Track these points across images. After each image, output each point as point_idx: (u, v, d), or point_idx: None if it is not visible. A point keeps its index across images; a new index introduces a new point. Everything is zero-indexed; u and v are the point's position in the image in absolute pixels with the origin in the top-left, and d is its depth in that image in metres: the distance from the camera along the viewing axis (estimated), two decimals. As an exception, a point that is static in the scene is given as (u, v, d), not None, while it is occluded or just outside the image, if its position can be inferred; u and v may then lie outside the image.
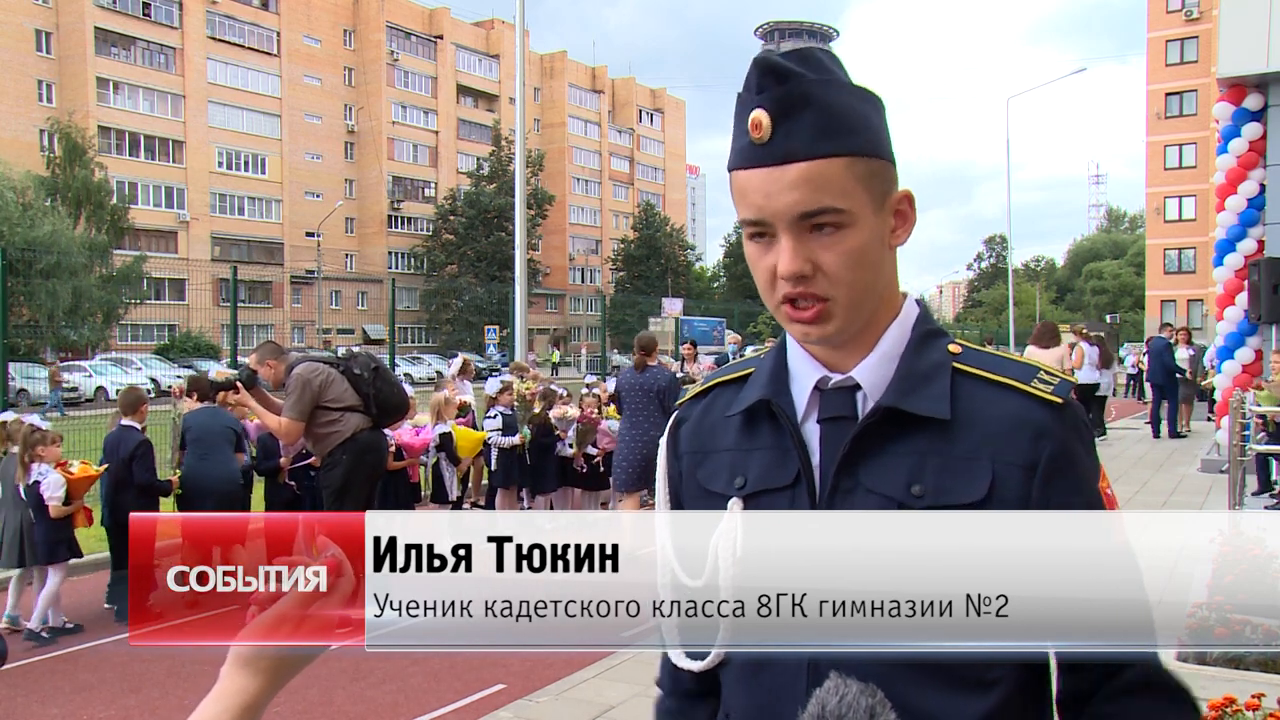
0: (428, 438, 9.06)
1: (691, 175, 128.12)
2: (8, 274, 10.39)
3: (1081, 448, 1.11)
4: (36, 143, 47.67)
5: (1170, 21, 47.53)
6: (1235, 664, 3.53)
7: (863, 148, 1.10)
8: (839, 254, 1.09)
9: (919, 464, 1.09)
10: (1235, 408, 7.71)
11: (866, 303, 1.12)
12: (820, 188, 1.07)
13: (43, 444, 6.60)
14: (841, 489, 1.11)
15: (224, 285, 30.45)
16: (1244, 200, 12.79)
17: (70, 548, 6.68)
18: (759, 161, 1.09)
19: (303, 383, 6.18)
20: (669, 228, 78.65)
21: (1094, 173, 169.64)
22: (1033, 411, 1.10)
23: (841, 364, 1.16)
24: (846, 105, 1.10)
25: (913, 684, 1.06)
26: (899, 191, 1.15)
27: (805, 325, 1.11)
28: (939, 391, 1.11)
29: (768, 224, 1.10)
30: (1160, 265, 49.27)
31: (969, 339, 1.42)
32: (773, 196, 1.08)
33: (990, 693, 1.08)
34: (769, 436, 1.18)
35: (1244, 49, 12.39)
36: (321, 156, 64.65)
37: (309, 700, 5.14)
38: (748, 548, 1.15)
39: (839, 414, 1.14)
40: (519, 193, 14.91)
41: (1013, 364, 1.15)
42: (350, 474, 6.27)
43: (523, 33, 14.61)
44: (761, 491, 1.17)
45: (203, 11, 57.62)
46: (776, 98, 1.08)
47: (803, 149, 1.07)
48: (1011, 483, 1.07)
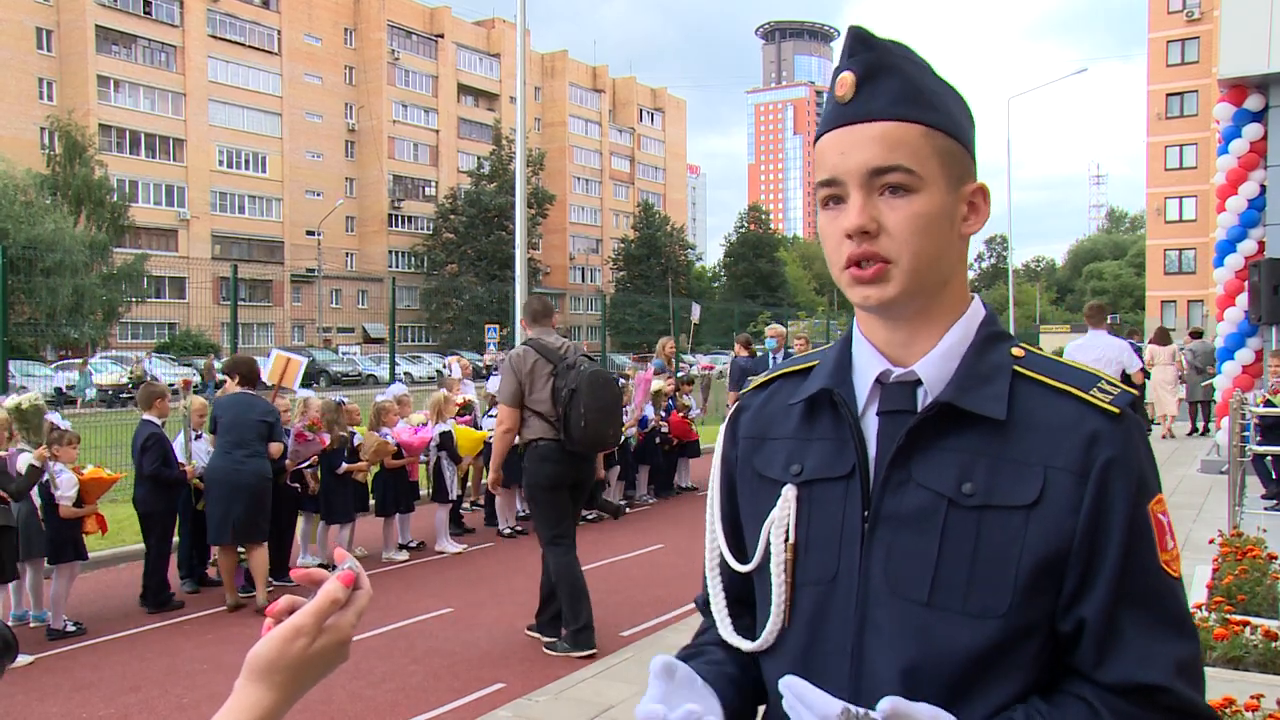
0: (428, 436, 9.06)
1: (692, 175, 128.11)
2: (8, 272, 10.39)
3: (1137, 460, 1.09)
4: (37, 141, 47.68)
5: (1171, 22, 47.49)
6: (1235, 664, 3.53)
7: (942, 123, 1.13)
8: (905, 215, 1.10)
9: (971, 462, 1.09)
10: (1235, 408, 7.70)
11: (929, 276, 1.12)
12: (894, 147, 1.10)
13: (60, 444, 6.63)
14: (893, 482, 1.11)
15: (224, 284, 30.42)
16: (1244, 201, 12.80)
17: (76, 549, 6.68)
18: (841, 120, 1.13)
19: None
20: (669, 227, 78.62)
21: (1094, 173, 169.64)
22: (1090, 420, 1.09)
23: (904, 358, 1.16)
24: (931, 88, 1.14)
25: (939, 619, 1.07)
26: (975, 183, 1.18)
27: (865, 286, 1.12)
28: (997, 392, 1.11)
29: (840, 182, 1.12)
30: (1161, 266, 49.23)
31: None
32: (847, 153, 1.11)
33: (1025, 673, 1.08)
34: (829, 427, 1.19)
35: (1245, 50, 12.39)
36: (322, 155, 64.64)
37: (308, 699, 5.13)
38: (800, 534, 1.17)
39: (898, 408, 1.14)
40: (519, 192, 14.90)
41: (1074, 371, 1.14)
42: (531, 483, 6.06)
43: (524, 32, 14.60)
44: (816, 480, 1.17)
45: (203, 10, 57.60)
46: (864, 61, 1.13)
47: (884, 109, 1.11)
48: (1062, 488, 1.07)
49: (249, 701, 0.94)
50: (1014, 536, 1.06)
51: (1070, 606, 1.08)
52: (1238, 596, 4.49)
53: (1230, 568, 4.78)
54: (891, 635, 1.09)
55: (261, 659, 0.95)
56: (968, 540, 1.07)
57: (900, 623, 1.09)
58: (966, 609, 1.07)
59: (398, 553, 8.79)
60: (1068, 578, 1.07)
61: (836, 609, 1.13)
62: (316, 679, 0.98)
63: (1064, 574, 1.07)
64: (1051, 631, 1.09)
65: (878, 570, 1.11)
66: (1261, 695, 2.93)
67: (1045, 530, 1.06)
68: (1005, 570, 1.06)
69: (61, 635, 6.44)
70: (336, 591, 0.97)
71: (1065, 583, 1.07)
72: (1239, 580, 4.62)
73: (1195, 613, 3.74)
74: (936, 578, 1.08)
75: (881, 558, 1.11)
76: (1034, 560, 1.06)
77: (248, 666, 0.95)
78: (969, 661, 1.06)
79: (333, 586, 0.97)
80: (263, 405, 7.34)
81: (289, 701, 0.96)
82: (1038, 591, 1.07)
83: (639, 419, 11.34)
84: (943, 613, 1.07)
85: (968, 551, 1.07)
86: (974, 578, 1.07)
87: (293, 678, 0.95)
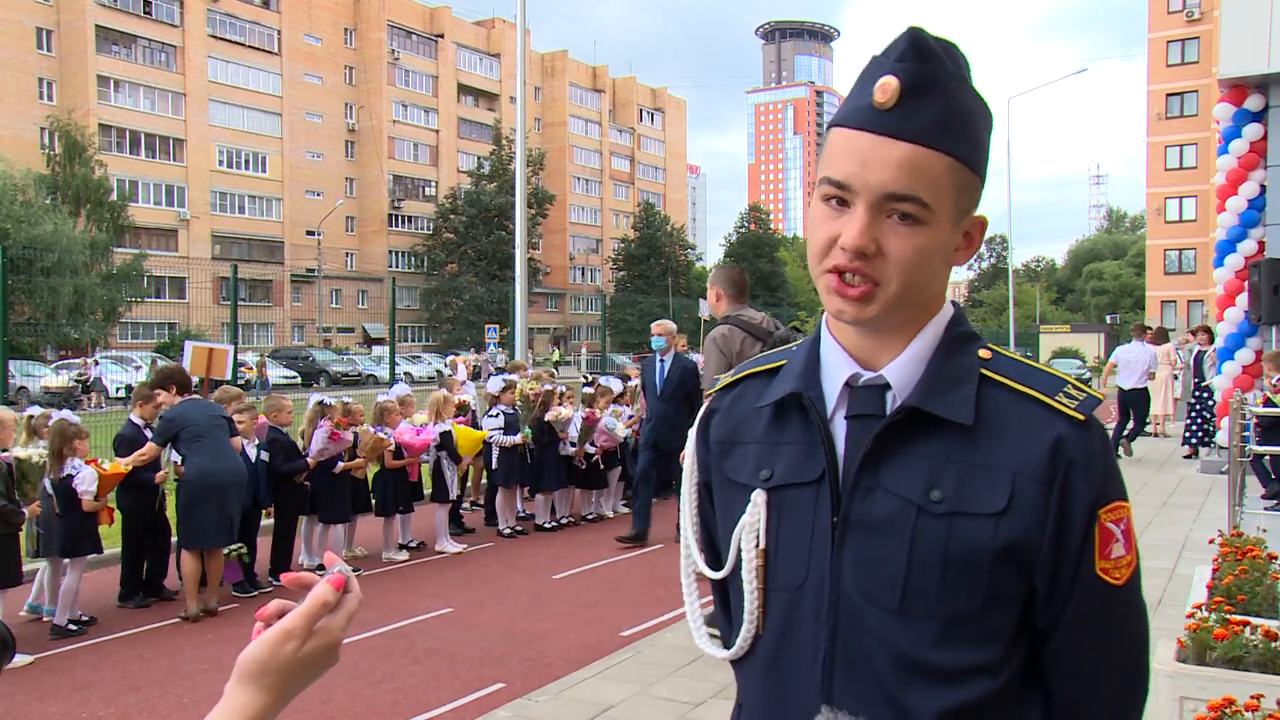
0: (428, 437, 9.06)
1: (692, 175, 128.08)
2: (8, 272, 10.39)
3: (1100, 468, 1.09)
4: (37, 141, 47.69)
5: (1171, 22, 47.51)
6: (1235, 664, 3.52)
7: (969, 157, 1.10)
8: (909, 246, 1.08)
9: (940, 468, 1.09)
10: (1235, 408, 7.70)
11: (910, 304, 1.11)
12: (918, 176, 1.06)
13: (78, 437, 6.68)
14: (862, 487, 1.11)
15: (224, 283, 30.45)
16: (1244, 201, 12.79)
17: (93, 542, 6.78)
18: (871, 126, 1.08)
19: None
20: (669, 227, 78.63)
21: (1094, 173, 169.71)
22: (1055, 426, 1.08)
23: (873, 361, 1.15)
24: (969, 111, 1.10)
25: (912, 681, 1.07)
26: (976, 216, 1.15)
27: (846, 301, 1.10)
28: (964, 396, 1.10)
29: (851, 190, 1.08)
30: (1161, 266, 49.26)
31: None
32: (870, 166, 1.07)
33: (993, 679, 1.08)
34: (798, 431, 1.17)
35: (1245, 50, 12.38)
36: (322, 155, 64.65)
37: (307, 699, 5.13)
38: (770, 540, 1.17)
39: (867, 411, 1.13)
40: (519, 192, 14.91)
41: (1041, 375, 1.13)
42: None
43: (524, 32, 14.60)
44: (786, 485, 1.16)
45: (204, 10, 57.61)
46: (914, 72, 1.07)
47: (918, 132, 1.06)
48: (1029, 496, 1.07)
49: (240, 704, 0.94)
50: (984, 543, 1.06)
51: (1037, 613, 1.10)
52: (1238, 596, 4.49)
53: (1230, 568, 4.78)
54: (863, 642, 1.09)
55: (252, 662, 0.95)
56: (937, 547, 1.07)
57: (871, 630, 1.09)
58: (937, 615, 1.07)
59: (398, 553, 8.79)
60: (1037, 585, 1.09)
61: (807, 615, 1.12)
62: (307, 682, 0.98)
63: (1033, 581, 1.09)
64: (1021, 636, 1.11)
65: (848, 577, 1.10)
66: (1261, 695, 2.93)
67: (1014, 537, 1.06)
68: (975, 577, 1.07)
69: (69, 632, 6.46)
70: (327, 594, 0.97)
71: (1036, 590, 1.09)
72: (1239, 580, 4.62)
73: (1195, 613, 3.73)
74: (907, 585, 1.07)
75: (852, 564, 1.10)
76: (1003, 567, 1.07)
77: (238, 669, 0.95)
78: (942, 669, 1.07)
79: (323, 589, 0.98)
80: (217, 406, 7.36)
81: (280, 704, 0.96)
82: (1007, 598, 1.08)
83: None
84: (914, 620, 1.07)
85: (937, 558, 1.07)
86: (944, 585, 1.07)
87: (283, 680, 0.95)
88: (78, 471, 6.58)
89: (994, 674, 1.08)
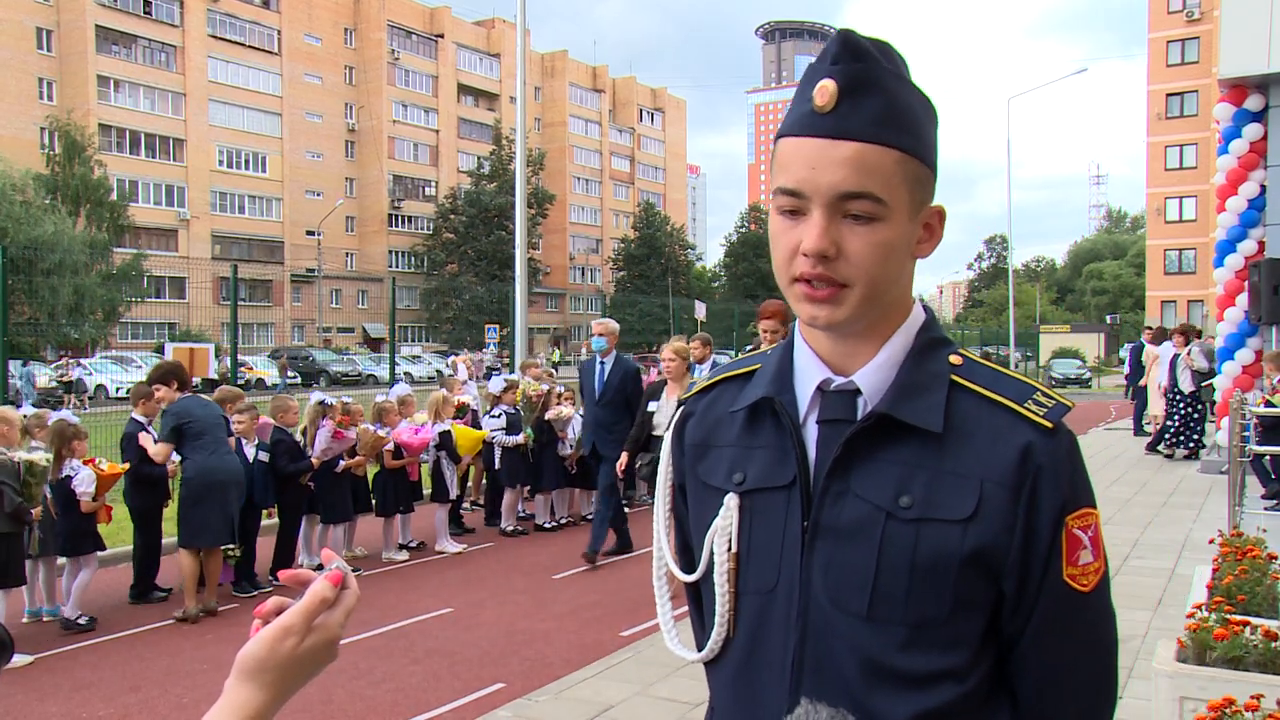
0: (428, 436, 9.06)
1: (692, 175, 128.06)
2: (8, 272, 10.39)
3: (1067, 474, 1.10)
4: (37, 140, 47.70)
5: (1171, 22, 47.53)
6: (1235, 664, 3.52)
7: (916, 149, 1.10)
8: (869, 244, 1.08)
9: (909, 474, 1.09)
10: (1235, 408, 7.70)
11: (879, 301, 1.11)
12: (868, 172, 1.06)
13: (77, 438, 6.69)
14: (832, 492, 1.11)
15: (224, 283, 30.42)
16: (1244, 201, 12.80)
17: (95, 541, 6.83)
18: (815, 130, 1.08)
19: None
20: (669, 227, 78.63)
21: (1094, 173, 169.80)
22: (1023, 433, 1.09)
23: (845, 366, 1.15)
24: (910, 104, 1.10)
25: (879, 686, 1.08)
26: (934, 205, 1.15)
27: (816, 306, 1.10)
28: (933, 403, 1.11)
29: (804, 196, 1.08)
30: (1161, 266, 49.28)
31: (970, 339, 1.42)
32: (819, 169, 1.07)
33: (961, 684, 1.09)
34: (770, 435, 1.18)
35: (1245, 50, 12.39)
36: (322, 155, 64.66)
37: (308, 699, 5.13)
38: (742, 544, 1.17)
39: (838, 416, 1.13)
40: (519, 192, 14.90)
41: (1011, 381, 1.14)
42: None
43: (524, 32, 14.60)
44: (759, 489, 1.17)
45: (204, 10, 57.62)
46: (849, 73, 1.07)
47: (862, 130, 1.06)
48: (997, 502, 1.07)
49: (239, 701, 0.95)
50: (952, 550, 1.07)
51: (1005, 619, 1.11)
52: (1238, 596, 4.49)
53: (1230, 568, 4.77)
54: (832, 647, 1.09)
55: (251, 659, 0.95)
56: (905, 553, 1.07)
57: (840, 635, 1.09)
58: (905, 621, 1.07)
59: (398, 553, 8.79)
60: (1005, 591, 1.09)
61: (777, 619, 1.13)
62: (306, 679, 0.99)
63: (1001, 587, 1.09)
64: (989, 641, 1.11)
65: (818, 581, 1.11)
66: (1261, 695, 2.93)
67: (982, 544, 1.07)
68: (943, 583, 1.07)
69: (74, 628, 6.50)
70: (325, 591, 0.98)
71: (1004, 596, 1.10)
72: (1239, 580, 4.61)
73: (1195, 613, 3.73)
74: (875, 591, 1.08)
75: (821, 569, 1.11)
76: (971, 573, 1.07)
77: (237, 666, 0.95)
78: (909, 674, 1.07)
79: (321, 586, 0.98)
80: (215, 405, 7.39)
81: (279, 701, 0.97)
82: (975, 604, 1.09)
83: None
84: (882, 625, 1.08)
85: (906, 564, 1.07)
86: (912, 590, 1.07)
87: (282, 677, 0.96)
88: (76, 472, 6.60)
89: (962, 679, 1.08)
